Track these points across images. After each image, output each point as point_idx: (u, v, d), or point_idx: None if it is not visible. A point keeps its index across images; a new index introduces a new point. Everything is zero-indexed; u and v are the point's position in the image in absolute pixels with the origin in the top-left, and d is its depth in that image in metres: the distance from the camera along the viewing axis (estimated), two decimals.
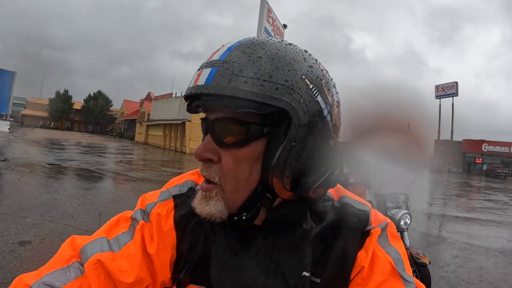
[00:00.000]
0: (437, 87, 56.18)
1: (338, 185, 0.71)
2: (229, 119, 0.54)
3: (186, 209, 0.67)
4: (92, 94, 72.76)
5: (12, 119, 42.47)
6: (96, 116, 71.35)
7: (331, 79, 0.61)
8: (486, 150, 49.91)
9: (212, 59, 0.55)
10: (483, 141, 50.43)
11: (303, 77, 0.54)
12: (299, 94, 0.53)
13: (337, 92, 0.62)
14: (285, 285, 0.59)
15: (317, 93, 0.55)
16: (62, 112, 67.93)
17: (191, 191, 0.71)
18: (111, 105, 74.72)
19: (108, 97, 74.27)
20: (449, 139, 53.57)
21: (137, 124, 47.28)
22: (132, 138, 49.43)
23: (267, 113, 0.52)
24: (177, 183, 0.75)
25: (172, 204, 0.70)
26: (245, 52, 0.53)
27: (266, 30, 10.42)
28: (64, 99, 68.12)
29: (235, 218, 0.59)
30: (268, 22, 10.60)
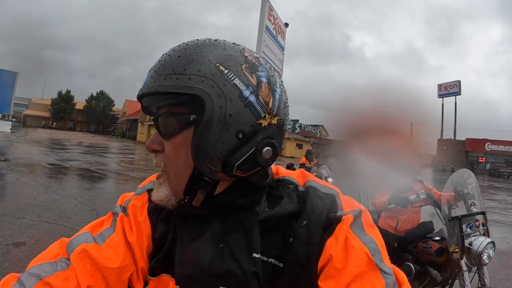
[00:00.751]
0: (439, 86, 56.04)
1: (304, 170, 0.75)
2: (164, 113, 0.62)
3: None
4: (94, 94, 72.89)
5: (14, 119, 42.55)
6: (98, 116, 71.49)
7: (261, 64, 0.64)
8: (489, 149, 49.76)
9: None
10: (486, 140, 50.24)
11: (217, 64, 0.59)
12: (212, 80, 0.58)
13: (273, 75, 0.65)
14: (238, 267, 0.61)
15: (233, 77, 0.59)
16: (64, 112, 68.06)
17: None
18: (113, 105, 74.78)
19: (110, 97, 74.39)
20: (452, 138, 53.36)
21: (139, 124, 47.33)
22: (134, 138, 49.52)
23: (189, 102, 0.58)
24: (152, 180, 0.80)
25: (146, 197, 0.76)
26: (169, 55, 0.62)
27: (267, 28, 10.34)
28: (66, 99, 68.26)
29: (182, 202, 0.65)
30: (270, 20, 10.51)
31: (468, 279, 2.47)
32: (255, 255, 0.62)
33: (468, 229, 2.52)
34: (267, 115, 0.61)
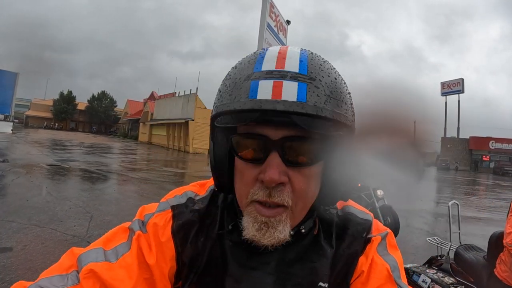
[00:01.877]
0: (443, 84, 55.87)
1: None
2: (304, 138, 0.54)
3: (185, 218, 0.67)
4: (96, 95, 72.93)
5: (16, 120, 42.57)
6: (100, 116, 71.57)
7: None
8: (493, 148, 49.48)
9: (286, 69, 0.52)
10: (490, 138, 49.99)
11: (350, 97, 0.59)
12: (353, 117, 0.58)
13: None
14: None
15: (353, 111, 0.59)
16: (66, 113, 68.17)
17: (190, 201, 0.70)
18: (116, 105, 74.86)
19: (113, 97, 74.43)
20: (456, 137, 53.14)
21: (141, 124, 47.29)
22: (136, 138, 49.51)
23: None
24: (176, 194, 0.73)
25: (170, 214, 0.68)
26: (323, 71, 0.55)
27: (269, 26, 10.15)
28: (67, 99, 68.34)
29: (291, 232, 0.59)
30: (271, 17, 10.33)
31: None
32: (321, 283, 0.62)
33: None
34: None
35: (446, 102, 53.55)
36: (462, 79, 54.12)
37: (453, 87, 54.58)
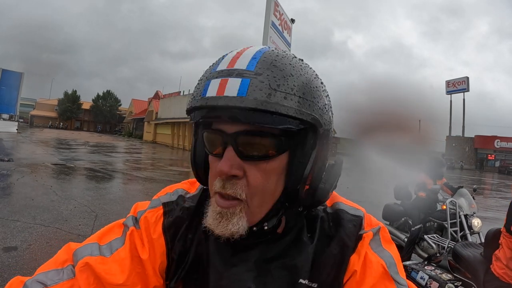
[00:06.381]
0: (447, 82, 55.58)
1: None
2: (257, 132, 0.54)
3: (175, 216, 0.68)
4: (100, 94, 73.13)
5: (21, 120, 42.81)
6: (105, 115, 71.76)
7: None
8: (498, 146, 49.15)
9: (235, 67, 0.53)
10: (496, 137, 49.66)
11: (323, 93, 0.59)
12: (322, 110, 0.56)
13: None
14: None
15: (330, 109, 0.60)
16: (70, 112, 68.43)
17: (181, 199, 0.72)
18: (120, 105, 75.04)
19: (117, 96, 74.62)
20: (461, 135, 52.88)
21: (145, 123, 47.38)
22: (140, 137, 49.62)
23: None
24: (167, 192, 0.75)
25: (161, 211, 0.70)
26: (275, 66, 0.53)
27: (273, 24, 10.12)
28: (72, 99, 68.59)
29: (254, 228, 0.59)
30: (276, 16, 10.29)
31: None
32: (301, 280, 0.61)
33: None
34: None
35: (451, 101, 53.33)
36: (467, 78, 53.80)
37: (458, 86, 54.28)
